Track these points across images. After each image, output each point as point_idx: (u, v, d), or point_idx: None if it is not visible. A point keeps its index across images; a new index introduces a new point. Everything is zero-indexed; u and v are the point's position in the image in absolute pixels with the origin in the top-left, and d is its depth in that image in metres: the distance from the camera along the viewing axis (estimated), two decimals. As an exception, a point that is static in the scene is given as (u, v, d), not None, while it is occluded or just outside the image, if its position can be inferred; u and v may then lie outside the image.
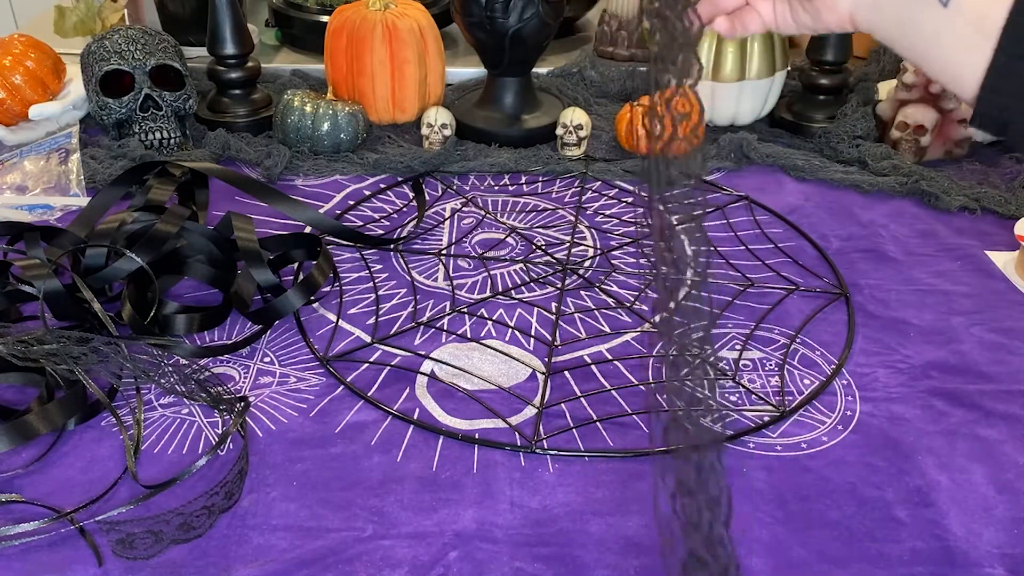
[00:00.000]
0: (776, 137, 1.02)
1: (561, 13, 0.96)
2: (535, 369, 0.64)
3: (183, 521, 0.49)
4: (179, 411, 0.60)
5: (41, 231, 0.71)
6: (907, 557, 0.50)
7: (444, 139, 0.96)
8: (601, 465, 0.56)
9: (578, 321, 0.70)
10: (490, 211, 0.86)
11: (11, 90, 0.96)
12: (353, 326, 0.69)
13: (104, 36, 0.93)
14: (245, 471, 0.54)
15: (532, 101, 1.02)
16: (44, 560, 0.49)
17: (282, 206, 0.75)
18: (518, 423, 0.59)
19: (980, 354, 0.67)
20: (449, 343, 0.67)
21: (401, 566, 0.49)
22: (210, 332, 0.68)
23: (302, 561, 0.49)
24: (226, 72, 0.99)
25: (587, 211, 0.86)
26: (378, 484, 0.54)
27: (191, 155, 0.93)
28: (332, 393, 0.62)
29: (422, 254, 0.79)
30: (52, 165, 0.89)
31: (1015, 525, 0.52)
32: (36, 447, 0.56)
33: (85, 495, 0.53)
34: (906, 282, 0.76)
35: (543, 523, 0.52)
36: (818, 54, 0.98)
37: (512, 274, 0.76)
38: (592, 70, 1.16)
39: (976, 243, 0.82)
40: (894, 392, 0.63)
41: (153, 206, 0.74)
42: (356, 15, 0.98)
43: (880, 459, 0.57)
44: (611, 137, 1.01)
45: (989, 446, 0.58)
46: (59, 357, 0.56)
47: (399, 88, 1.00)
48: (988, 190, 0.89)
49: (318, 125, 0.94)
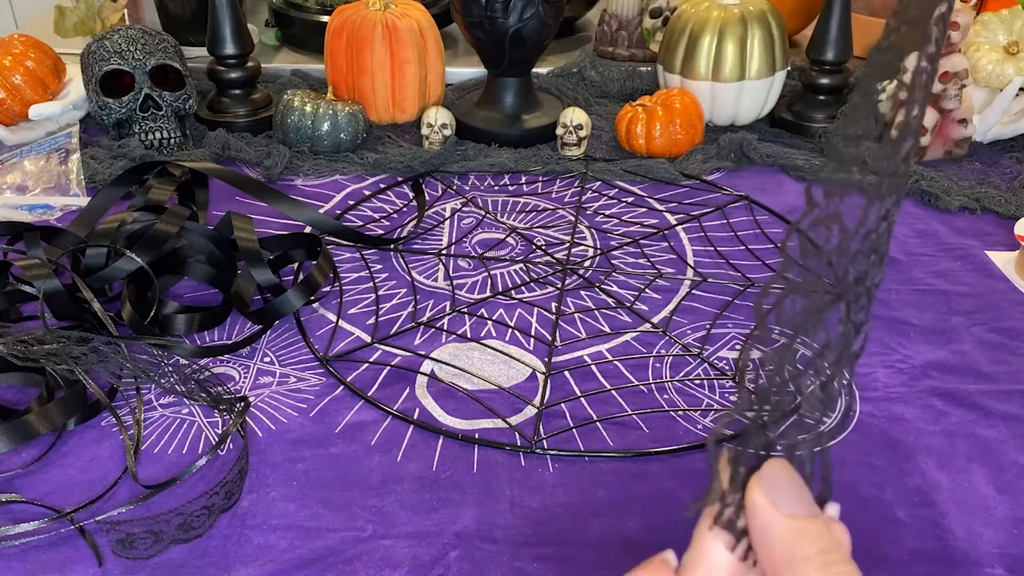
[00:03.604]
0: (776, 137, 1.02)
1: (561, 13, 0.96)
2: (535, 369, 0.64)
3: (183, 521, 0.49)
4: (179, 411, 0.60)
5: (41, 231, 0.71)
6: (907, 557, 0.50)
7: (444, 139, 0.96)
8: (601, 465, 0.56)
9: (578, 321, 0.70)
10: (490, 211, 0.86)
11: (11, 90, 0.96)
12: (353, 326, 0.69)
13: (104, 36, 0.93)
14: (245, 471, 0.54)
15: (532, 101, 1.02)
16: (44, 560, 0.49)
17: (282, 206, 0.75)
18: (518, 423, 0.59)
19: (980, 354, 0.67)
20: (449, 343, 0.67)
21: (401, 566, 0.49)
22: (210, 332, 0.68)
23: (302, 561, 0.49)
24: (226, 72, 0.99)
25: (587, 211, 0.86)
26: (378, 484, 0.54)
27: (191, 155, 0.93)
28: (332, 393, 0.62)
29: (422, 254, 0.79)
30: (52, 165, 0.89)
31: (1015, 525, 0.52)
32: (36, 447, 0.56)
33: (85, 495, 0.53)
34: (906, 282, 0.76)
35: (543, 523, 0.52)
36: (818, 54, 0.98)
37: (512, 274, 0.76)
38: (592, 70, 1.16)
39: (976, 243, 0.82)
40: (894, 392, 0.63)
41: (153, 206, 0.74)
42: (356, 15, 0.99)
43: (880, 459, 0.57)
44: (611, 137, 1.01)
45: (989, 446, 0.58)
46: (59, 357, 0.56)
47: (399, 88, 1.00)
48: (988, 190, 0.89)
49: (318, 125, 0.94)
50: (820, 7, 0.97)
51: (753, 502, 0.24)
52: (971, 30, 1.01)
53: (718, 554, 0.25)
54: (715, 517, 0.25)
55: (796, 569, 0.23)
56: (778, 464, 0.25)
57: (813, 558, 0.23)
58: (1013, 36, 1.00)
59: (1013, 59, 0.99)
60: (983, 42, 1.00)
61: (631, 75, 1.15)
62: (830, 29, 0.96)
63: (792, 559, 0.23)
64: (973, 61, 0.99)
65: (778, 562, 0.23)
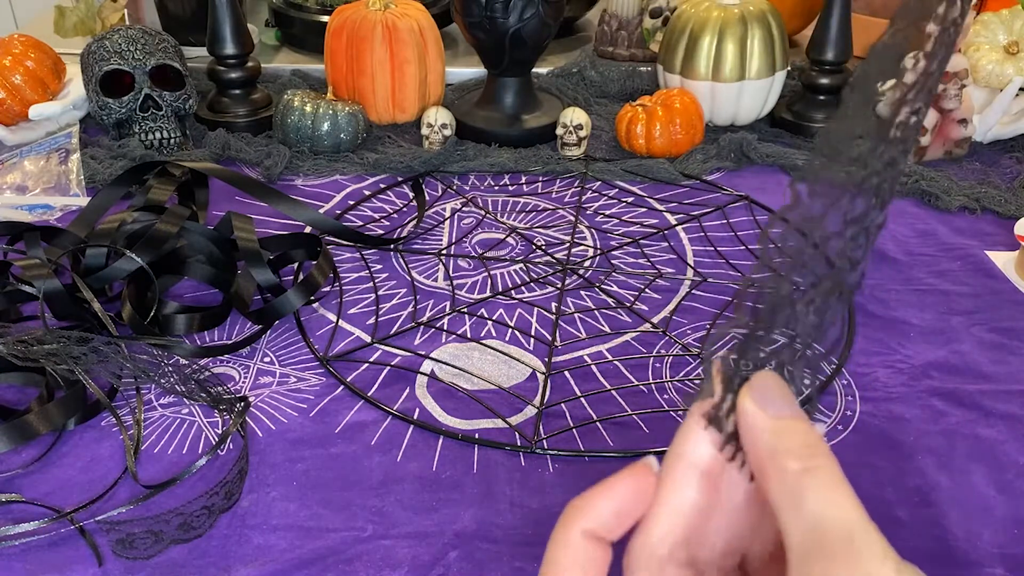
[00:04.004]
0: (776, 137, 1.02)
1: (561, 13, 0.96)
2: (535, 369, 0.64)
3: (183, 521, 0.49)
4: (179, 411, 0.60)
5: (41, 231, 0.71)
6: (907, 557, 0.50)
7: (444, 139, 0.96)
8: (601, 465, 0.56)
9: (578, 321, 0.70)
10: (490, 211, 0.86)
11: (11, 90, 0.96)
12: (353, 326, 0.69)
13: (104, 36, 0.93)
14: (245, 471, 0.54)
15: (532, 101, 1.02)
16: (44, 560, 0.49)
17: (282, 206, 0.75)
18: (518, 423, 0.59)
19: (980, 354, 0.67)
20: (449, 343, 0.67)
21: (401, 566, 0.49)
22: (210, 332, 0.68)
23: (302, 561, 0.49)
24: (226, 72, 0.99)
25: (587, 211, 0.86)
26: (378, 484, 0.54)
27: (191, 155, 0.93)
28: (332, 393, 0.62)
29: (422, 254, 0.79)
30: (52, 165, 0.89)
31: (1015, 525, 0.52)
32: (36, 447, 0.56)
33: (85, 495, 0.53)
34: (906, 282, 0.76)
35: (543, 523, 0.52)
36: (818, 54, 0.98)
37: (512, 274, 0.76)
38: (592, 70, 1.16)
39: (976, 243, 0.82)
40: (894, 392, 0.63)
41: (153, 206, 0.74)
42: (356, 15, 0.99)
43: (880, 459, 0.57)
44: (611, 137, 1.01)
45: (989, 446, 0.58)
46: (59, 357, 0.56)
47: (399, 88, 1.00)
48: (988, 190, 0.89)
49: (318, 125, 0.94)
50: (820, 7, 0.97)
51: (742, 405, 0.25)
52: (971, 30, 1.01)
53: (699, 451, 0.26)
54: (707, 418, 0.26)
55: (778, 460, 0.24)
56: (767, 374, 0.26)
57: (794, 450, 0.24)
58: (1013, 36, 1.00)
59: (1013, 59, 0.99)
60: (983, 42, 1.00)
61: (631, 75, 1.15)
62: (830, 29, 0.96)
63: (774, 452, 0.24)
64: (973, 61, 0.99)
65: (762, 456, 0.25)
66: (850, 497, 0.23)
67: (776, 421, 0.25)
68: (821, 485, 0.23)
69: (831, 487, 0.23)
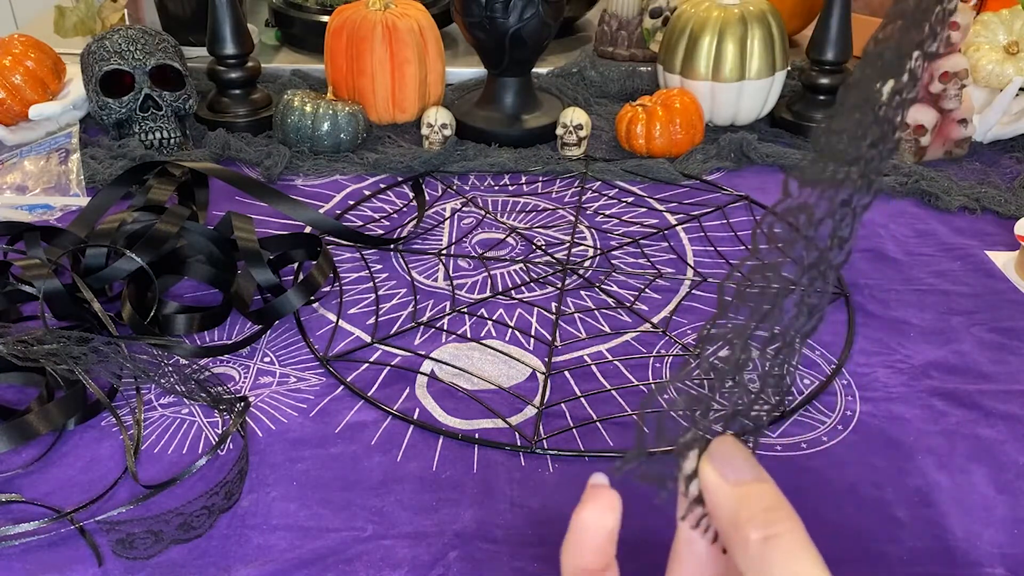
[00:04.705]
0: (776, 137, 1.02)
1: (561, 13, 0.96)
2: (535, 369, 0.64)
3: (183, 521, 0.49)
4: (179, 411, 0.60)
5: (41, 231, 0.71)
6: (907, 557, 0.50)
7: (444, 139, 0.96)
8: (601, 465, 0.56)
9: (578, 321, 0.70)
10: (490, 211, 0.86)
11: (11, 90, 0.96)
12: (353, 326, 0.69)
13: (104, 36, 0.93)
14: (245, 471, 0.54)
15: (532, 101, 1.02)
16: (44, 560, 0.49)
17: (282, 206, 0.75)
18: (518, 423, 0.59)
19: (980, 354, 0.67)
20: (449, 343, 0.67)
21: (401, 566, 0.49)
22: (210, 332, 0.68)
23: (302, 561, 0.49)
24: (226, 72, 0.99)
25: (587, 211, 0.86)
26: (378, 484, 0.54)
27: (191, 155, 0.93)
28: (332, 393, 0.62)
29: (422, 254, 0.79)
30: (52, 165, 0.89)
31: (1015, 525, 0.52)
32: (36, 447, 0.56)
33: (85, 495, 0.53)
34: (906, 282, 0.76)
35: (543, 523, 0.52)
36: (818, 54, 0.98)
37: (512, 274, 0.76)
38: (592, 70, 1.16)
39: (976, 243, 0.82)
40: (894, 392, 0.63)
41: (153, 206, 0.74)
42: (356, 15, 0.99)
43: (880, 459, 0.57)
44: (611, 137, 1.01)
45: (989, 446, 0.58)
46: (59, 357, 0.56)
47: (399, 88, 1.00)
48: (988, 190, 0.89)
49: (318, 125, 0.94)
50: (820, 7, 0.97)
51: (703, 476, 0.25)
52: (971, 30, 1.01)
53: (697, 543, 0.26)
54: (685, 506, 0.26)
55: (739, 529, 0.24)
56: (724, 439, 0.26)
57: (756, 518, 0.24)
58: (1013, 36, 1.00)
59: (1013, 59, 0.99)
60: (983, 42, 1.00)
61: (631, 75, 1.15)
62: (830, 29, 0.96)
63: (736, 521, 0.24)
64: (973, 61, 0.99)
65: (725, 527, 0.24)
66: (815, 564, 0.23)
67: (737, 488, 0.24)
68: (785, 554, 0.23)
69: (795, 555, 0.23)
